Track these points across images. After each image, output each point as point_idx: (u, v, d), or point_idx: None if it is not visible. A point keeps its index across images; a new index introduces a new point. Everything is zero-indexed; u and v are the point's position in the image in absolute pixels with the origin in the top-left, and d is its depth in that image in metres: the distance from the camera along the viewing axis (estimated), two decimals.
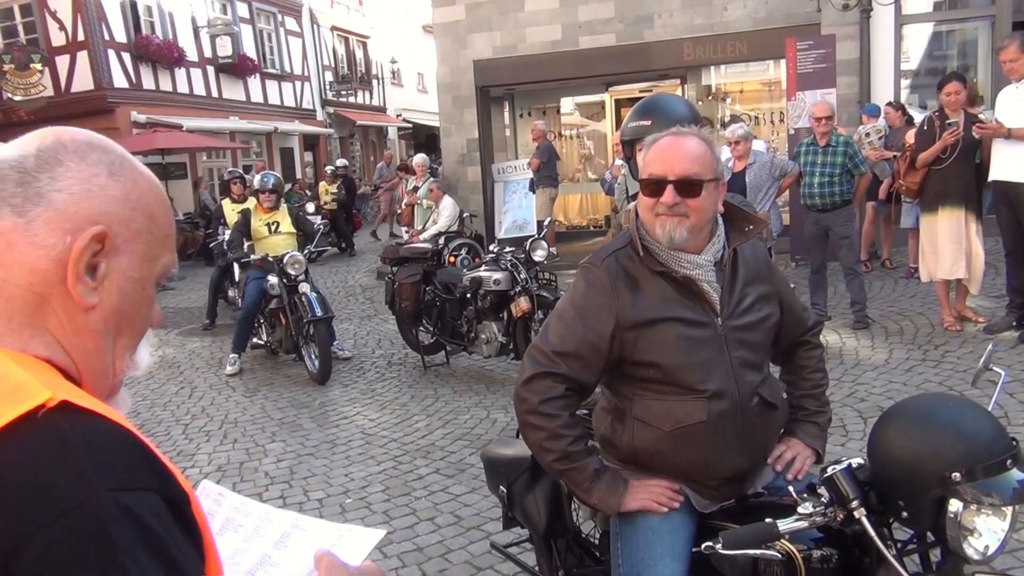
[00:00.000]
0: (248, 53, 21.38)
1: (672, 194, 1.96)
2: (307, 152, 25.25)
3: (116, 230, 0.90)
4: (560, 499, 2.58)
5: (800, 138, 8.57)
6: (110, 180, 0.91)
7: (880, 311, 7.51)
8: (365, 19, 29.12)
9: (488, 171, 13.74)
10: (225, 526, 1.14)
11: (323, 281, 11.51)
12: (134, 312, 0.95)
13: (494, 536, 3.81)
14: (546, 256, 6.76)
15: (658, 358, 2.01)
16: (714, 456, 2.01)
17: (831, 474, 1.75)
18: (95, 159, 0.91)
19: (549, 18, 12.59)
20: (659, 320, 2.01)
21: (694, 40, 11.91)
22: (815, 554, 1.84)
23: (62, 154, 0.89)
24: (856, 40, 10.79)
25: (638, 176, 2.08)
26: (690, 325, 2.02)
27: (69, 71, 16.99)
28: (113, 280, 0.91)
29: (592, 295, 2.06)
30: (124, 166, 0.93)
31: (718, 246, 2.09)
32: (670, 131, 2.07)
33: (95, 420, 0.79)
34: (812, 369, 2.31)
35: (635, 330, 2.01)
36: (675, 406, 2.02)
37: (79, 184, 0.88)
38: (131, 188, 0.93)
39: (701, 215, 2.01)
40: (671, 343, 2.01)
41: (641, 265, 2.05)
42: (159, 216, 0.96)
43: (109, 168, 0.91)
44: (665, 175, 1.98)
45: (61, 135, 0.91)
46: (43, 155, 0.88)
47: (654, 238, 2.04)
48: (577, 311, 2.07)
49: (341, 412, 6.34)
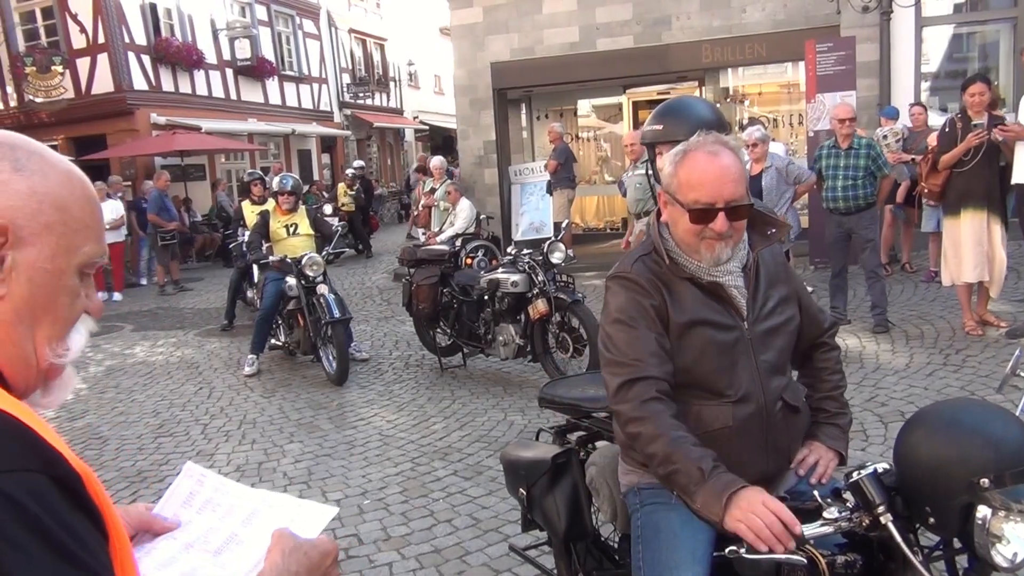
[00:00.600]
0: (266, 55, 21.50)
1: (724, 221, 1.96)
2: (324, 154, 25.34)
3: (20, 223, 0.91)
4: (580, 502, 2.57)
5: (819, 141, 8.52)
6: (14, 175, 0.92)
7: (900, 315, 7.45)
8: (382, 21, 29.22)
9: (505, 173, 13.74)
10: (205, 505, 1.20)
11: (340, 283, 11.55)
12: (51, 301, 0.96)
13: (512, 538, 3.80)
14: (564, 258, 6.74)
15: (689, 362, 2.01)
16: (738, 461, 1.99)
17: (857, 479, 1.73)
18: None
19: (567, 20, 12.58)
20: (692, 324, 2.01)
21: (712, 42, 11.88)
22: (839, 559, 1.82)
23: None
24: (876, 42, 10.72)
25: (682, 202, 2.02)
26: (719, 329, 2.02)
27: (89, 73, 17.13)
28: (22, 271, 0.92)
29: (636, 299, 2.04)
30: (32, 160, 0.94)
31: (743, 252, 2.09)
32: (702, 145, 2.02)
33: None
34: (831, 371, 2.29)
35: (673, 332, 2.01)
36: (702, 410, 2.02)
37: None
38: (38, 182, 0.93)
39: (742, 232, 2.03)
40: (701, 347, 2.00)
41: (668, 269, 2.05)
42: (73, 208, 0.96)
43: (14, 164, 0.92)
44: (714, 202, 1.96)
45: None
46: None
47: (695, 258, 2.04)
48: (630, 317, 2.03)
49: (359, 413, 6.35)
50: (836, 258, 7.26)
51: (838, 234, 7.18)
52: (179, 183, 16.79)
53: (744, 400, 2.00)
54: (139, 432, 6.27)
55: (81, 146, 17.03)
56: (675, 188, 2.03)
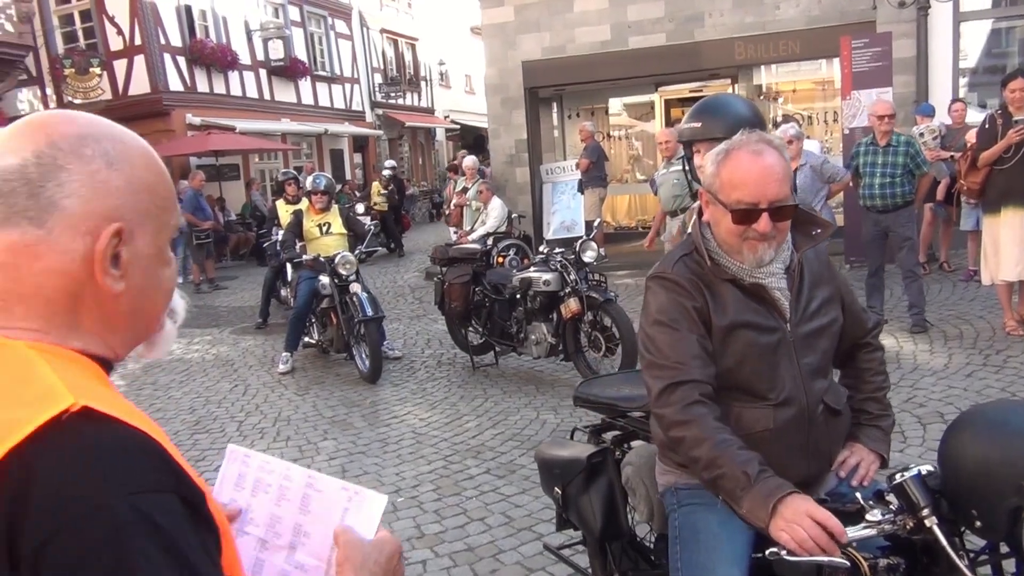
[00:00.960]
0: (299, 56, 21.67)
1: (767, 222, 1.92)
2: (356, 153, 25.51)
3: (128, 218, 0.93)
4: (615, 501, 2.56)
5: (855, 138, 8.42)
6: (111, 172, 0.93)
7: (938, 315, 7.34)
8: (414, 21, 29.34)
9: (536, 172, 13.74)
10: (256, 486, 1.23)
11: (372, 281, 11.61)
12: (157, 280, 1.00)
13: (546, 537, 3.80)
14: (596, 257, 6.72)
15: (731, 365, 1.99)
16: (779, 463, 1.96)
17: (901, 481, 1.71)
18: (91, 153, 0.92)
19: (598, 18, 12.55)
20: (734, 326, 1.99)
21: (745, 39, 11.79)
22: (882, 563, 1.80)
23: (60, 158, 0.90)
24: (913, 38, 10.56)
25: (724, 201, 1.99)
26: (761, 331, 1.99)
27: (126, 75, 17.38)
28: (135, 263, 0.95)
29: (677, 300, 2.01)
30: (118, 149, 0.95)
31: (787, 252, 2.06)
32: (745, 144, 1.99)
33: (113, 426, 0.83)
34: (874, 372, 2.26)
35: (715, 334, 1.99)
36: (743, 412, 2.00)
37: (85, 186, 0.91)
38: (130, 172, 0.95)
39: (786, 232, 2.00)
40: (743, 350, 1.98)
41: (710, 271, 2.03)
42: (159, 187, 0.99)
43: (106, 159, 0.93)
44: (758, 202, 1.92)
45: (51, 133, 0.92)
46: (43, 161, 0.90)
47: (737, 259, 2.01)
48: (671, 318, 2.00)
49: (392, 411, 6.39)
50: (873, 257, 7.16)
51: (875, 232, 7.08)
52: (214, 183, 16.97)
53: (786, 403, 1.98)
54: (176, 428, 6.35)
55: None
56: (717, 188, 2.00)
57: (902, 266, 7.03)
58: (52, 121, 0.94)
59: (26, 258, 0.89)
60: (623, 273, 10.67)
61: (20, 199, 0.89)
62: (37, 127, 0.93)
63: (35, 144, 0.91)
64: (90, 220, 0.90)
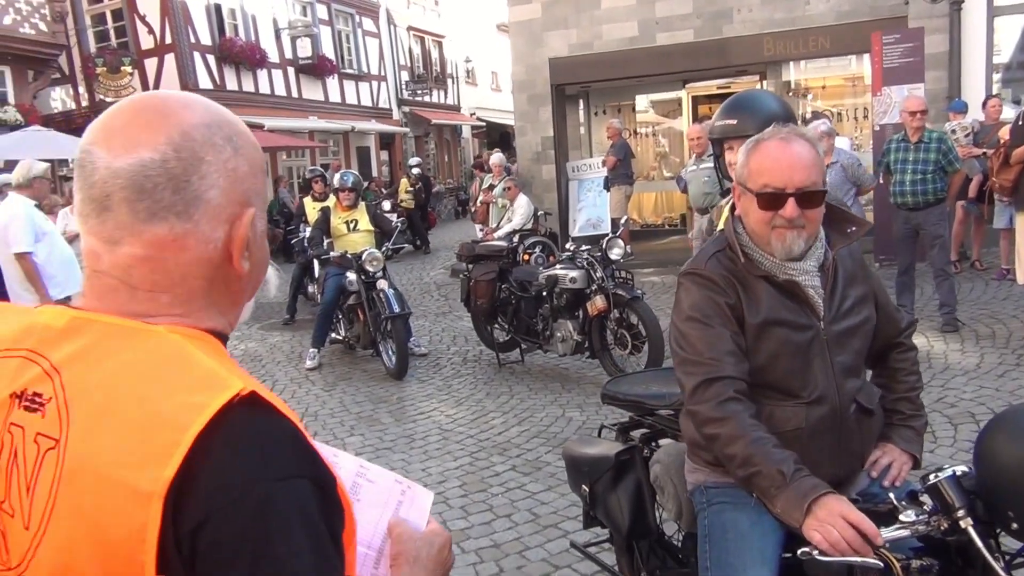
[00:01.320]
0: (327, 54, 21.77)
1: (794, 207, 1.90)
2: (383, 151, 25.59)
3: (254, 201, 0.97)
4: (644, 499, 2.56)
5: (885, 135, 8.31)
6: (237, 157, 0.95)
7: (970, 314, 7.24)
8: (440, 19, 29.36)
9: (563, 169, 13.71)
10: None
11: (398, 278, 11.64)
12: (264, 254, 1.03)
13: (572, 535, 3.80)
14: (623, 254, 6.69)
15: (763, 362, 1.97)
16: (810, 463, 1.94)
17: (935, 481, 1.69)
18: (221, 141, 0.93)
19: (626, 15, 12.49)
20: (767, 324, 1.97)
21: (774, 35, 11.68)
22: (914, 564, 1.77)
23: (198, 149, 0.91)
24: (945, 33, 10.41)
25: (752, 188, 1.99)
26: (794, 329, 1.97)
27: (157, 73, 17.55)
28: (255, 242, 0.99)
29: (710, 296, 2.00)
30: (236, 131, 0.96)
31: (821, 250, 2.03)
32: (772, 133, 1.99)
33: (270, 413, 0.85)
34: (907, 372, 2.23)
35: (748, 332, 1.98)
36: (775, 410, 1.98)
37: (223, 176, 0.93)
38: (249, 155, 0.97)
39: (817, 224, 1.96)
40: (776, 348, 1.96)
41: (743, 268, 2.01)
42: (260, 161, 1.00)
43: (232, 145, 0.95)
44: (784, 187, 1.91)
45: (179, 122, 0.91)
46: (183, 155, 0.90)
47: (767, 250, 1.99)
48: (704, 315, 1.99)
49: (418, 407, 6.41)
50: (903, 255, 7.08)
51: (905, 230, 7.00)
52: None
53: (818, 401, 1.96)
54: None
55: None
56: (746, 177, 2.00)
57: (933, 264, 6.94)
58: (174, 107, 0.93)
59: (173, 251, 0.91)
60: (649, 271, 10.63)
61: (166, 195, 0.89)
62: (160, 115, 0.92)
63: (167, 135, 0.90)
64: (230, 208, 0.93)
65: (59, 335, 0.89)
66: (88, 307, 0.92)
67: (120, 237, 0.90)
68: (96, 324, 0.89)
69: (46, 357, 0.87)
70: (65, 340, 0.88)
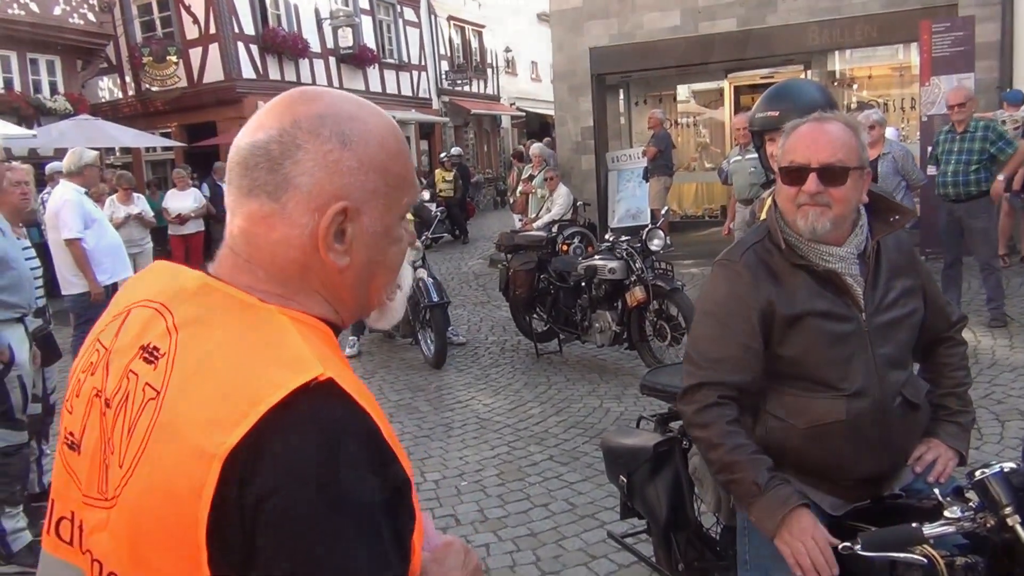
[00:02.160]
0: (368, 44, 21.87)
1: (815, 182, 1.88)
2: (423, 141, 25.67)
3: (355, 197, 0.98)
4: (682, 491, 2.55)
5: (933, 126, 8.15)
6: (344, 152, 0.97)
7: (1019, 309, 7.09)
8: (481, 9, 29.33)
9: (602, 160, 13.64)
10: None
11: (437, 267, 11.70)
12: (383, 256, 1.04)
13: (609, 525, 3.80)
14: (662, 245, 6.65)
15: (799, 354, 1.95)
16: (851, 457, 1.92)
17: (982, 478, 1.66)
18: (327, 134, 0.97)
19: (668, 3, 12.38)
20: (802, 315, 1.94)
21: (819, 24, 11.50)
22: (958, 561, 1.75)
23: (299, 137, 0.96)
24: (997, 21, 10.16)
25: (779, 164, 1.99)
26: (833, 320, 1.94)
27: (201, 63, 17.79)
28: (360, 239, 0.99)
29: (736, 291, 1.99)
30: (356, 130, 0.99)
31: (861, 237, 1.99)
32: (811, 117, 1.98)
33: (346, 404, 0.88)
34: (955, 367, 2.19)
35: (779, 325, 1.95)
36: (813, 403, 1.95)
37: (319, 166, 0.96)
38: (363, 152, 0.99)
39: (845, 205, 1.91)
40: (813, 339, 1.94)
41: (781, 258, 1.98)
42: (392, 167, 1.02)
43: (341, 139, 0.97)
44: (808, 162, 1.89)
45: (297, 112, 0.97)
46: (284, 139, 0.96)
47: (795, 230, 1.96)
48: (722, 311, 2.00)
49: (456, 396, 6.44)
50: (949, 248, 6.93)
51: (949, 222, 6.86)
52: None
53: (859, 394, 1.93)
54: None
55: (192, 133, 17.72)
56: (780, 157, 2.00)
57: (978, 258, 6.80)
58: (300, 99, 1.00)
59: (263, 228, 0.97)
60: (689, 262, 10.55)
61: (262, 173, 0.96)
62: (287, 105, 0.99)
63: (281, 122, 0.97)
64: (320, 199, 0.96)
65: (188, 296, 0.96)
66: (215, 273, 0.99)
67: (234, 208, 0.99)
68: (218, 293, 0.95)
69: (172, 315, 0.94)
70: (191, 302, 0.95)
